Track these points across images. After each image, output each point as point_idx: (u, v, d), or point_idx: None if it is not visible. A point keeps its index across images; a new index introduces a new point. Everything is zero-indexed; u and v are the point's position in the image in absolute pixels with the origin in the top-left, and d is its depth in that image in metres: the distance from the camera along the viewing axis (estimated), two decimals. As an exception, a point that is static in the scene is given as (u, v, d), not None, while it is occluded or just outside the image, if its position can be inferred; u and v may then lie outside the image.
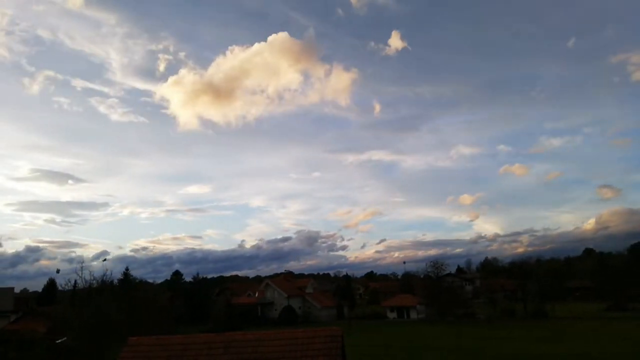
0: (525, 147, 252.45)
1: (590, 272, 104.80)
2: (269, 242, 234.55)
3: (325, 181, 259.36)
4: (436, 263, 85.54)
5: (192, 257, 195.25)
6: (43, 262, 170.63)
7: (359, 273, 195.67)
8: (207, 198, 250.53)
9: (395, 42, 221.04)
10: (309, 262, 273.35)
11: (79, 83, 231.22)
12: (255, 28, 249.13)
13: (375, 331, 58.82)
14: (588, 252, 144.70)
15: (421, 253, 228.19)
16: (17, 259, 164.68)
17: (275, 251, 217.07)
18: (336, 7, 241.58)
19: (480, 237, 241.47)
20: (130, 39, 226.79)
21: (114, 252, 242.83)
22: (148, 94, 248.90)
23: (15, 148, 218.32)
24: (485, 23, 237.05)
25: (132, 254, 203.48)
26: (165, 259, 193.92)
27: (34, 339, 37.19)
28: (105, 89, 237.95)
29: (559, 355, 33.59)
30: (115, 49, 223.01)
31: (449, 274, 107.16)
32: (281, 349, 11.19)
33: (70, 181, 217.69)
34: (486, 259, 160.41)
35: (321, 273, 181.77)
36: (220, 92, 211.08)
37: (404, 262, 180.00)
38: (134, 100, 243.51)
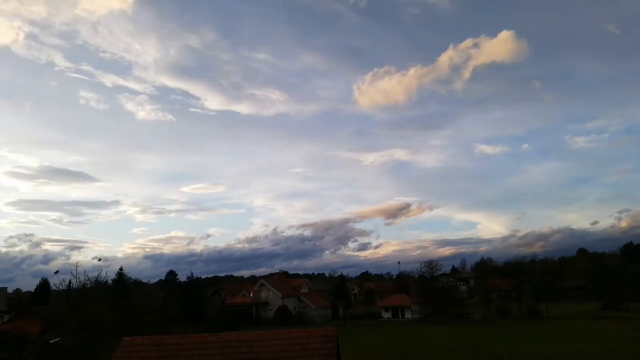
0: (556, 144, 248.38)
1: (585, 272, 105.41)
2: (296, 238, 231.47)
3: (342, 179, 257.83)
4: (431, 263, 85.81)
5: (212, 256, 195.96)
6: (52, 262, 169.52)
7: (369, 272, 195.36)
8: (220, 196, 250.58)
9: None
10: (328, 261, 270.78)
11: (109, 79, 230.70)
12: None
13: (371, 331, 58.85)
14: (582, 252, 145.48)
15: (442, 250, 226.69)
16: (24, 258, 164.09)
17: (300, 249, 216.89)
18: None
19: (511, 236, 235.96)
20: (168, 35, 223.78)
21: (122, 252, 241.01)
22: (177, 92, 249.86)
23: (28, 144, 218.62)
24: (524, 18, 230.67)
25: (141, 253, 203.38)
26: (175, 258, 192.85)
27: (28, 339, 37.00)
28: (135, 86, 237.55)
29: (553, 354, 33.74)
30: (151, 45, 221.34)
31: (444, 274, 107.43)
32: (276, 350, 11.18)
33: (81, 179, 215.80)
34: (482, 259, 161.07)
35: (316, 273, 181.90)
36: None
37: (399, 263, 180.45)
38: (164, 97, 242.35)
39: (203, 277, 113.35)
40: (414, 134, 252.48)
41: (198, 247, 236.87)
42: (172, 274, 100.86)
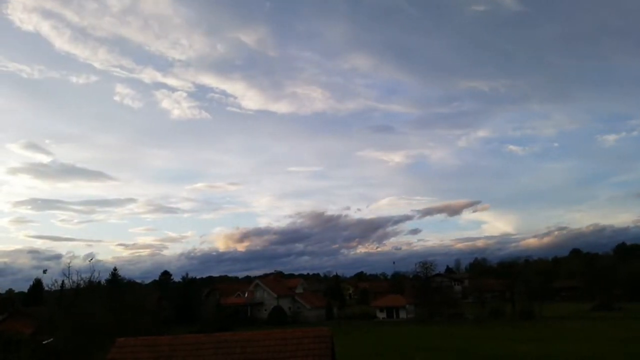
0: (588, 144, 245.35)
1: (578, 273, 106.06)
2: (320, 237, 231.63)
3: (365, 178, 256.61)
4: (425, 263, 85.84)
5: (222, 256, 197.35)
6: (60, 262, 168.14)
7: (363, 272, 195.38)
8: (232, 194, 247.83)
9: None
10: (324, 261, 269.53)
11: (148, 75, 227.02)
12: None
13: (365, 331, 58.88)
14: (575, 252, 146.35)
15: (466, 247, 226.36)
16: (33, 258, 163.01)
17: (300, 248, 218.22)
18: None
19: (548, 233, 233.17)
20: (217, 30, 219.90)
21: (127, 252, 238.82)
22: (216, 90, 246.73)
23: (44, 140, 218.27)
24: (573, 17, 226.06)
25: (155, 252, 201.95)
26: (181, 258, 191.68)
27: (20, 340, 36.78)
28: (173, 82, 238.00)
29: (546, 354, 33.91)
30: (199, 40, 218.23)
31: (438, 274, 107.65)
32: (271, 350, 11.17)
33: (96, 177, 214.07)
34: (475, 259, 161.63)
35: (311, 273, 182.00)
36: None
37: (394, 262, 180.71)
38: (200, 94, 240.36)
39: (197, 277, 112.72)
40: (444, 132, 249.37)
41: (208, 246, 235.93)
42: (166, 274, 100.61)
